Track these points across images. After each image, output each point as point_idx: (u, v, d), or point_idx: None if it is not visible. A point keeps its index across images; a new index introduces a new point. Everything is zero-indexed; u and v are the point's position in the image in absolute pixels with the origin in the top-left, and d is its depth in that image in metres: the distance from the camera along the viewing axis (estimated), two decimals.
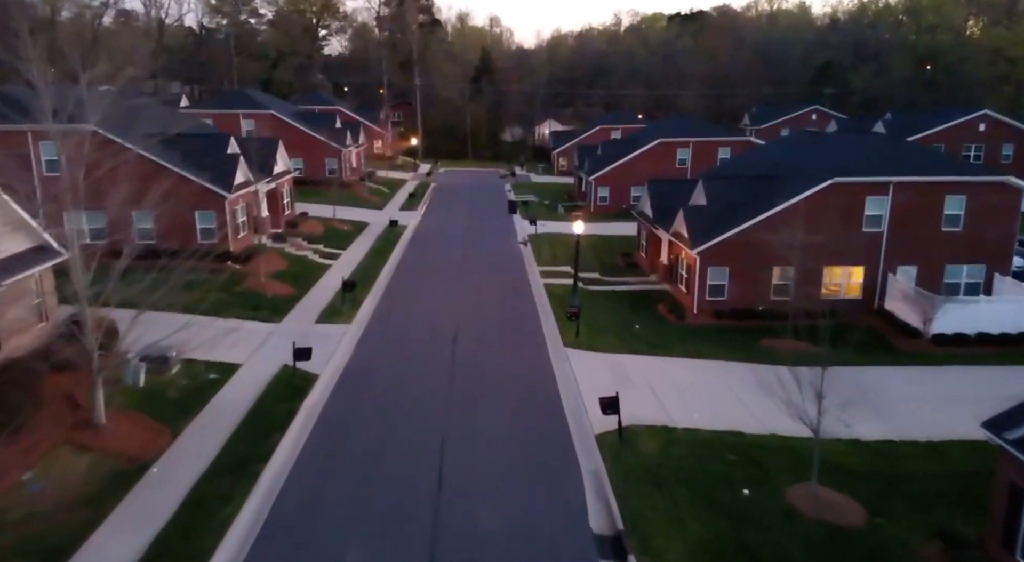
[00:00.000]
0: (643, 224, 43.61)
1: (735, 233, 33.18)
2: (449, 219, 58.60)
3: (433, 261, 43.00)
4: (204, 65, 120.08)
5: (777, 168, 38.21)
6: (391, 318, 31.79)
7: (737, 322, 33.27)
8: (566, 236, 51.31)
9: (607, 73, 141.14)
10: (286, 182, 46.83)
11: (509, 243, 49.56)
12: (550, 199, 72.86)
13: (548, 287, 37.61)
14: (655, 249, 41.70)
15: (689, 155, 64.41)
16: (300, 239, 44.35)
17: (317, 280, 37.31)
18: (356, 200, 62.45)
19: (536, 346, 28.31)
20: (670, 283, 38.78)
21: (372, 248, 45.81)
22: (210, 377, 24.56)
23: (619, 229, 55.18)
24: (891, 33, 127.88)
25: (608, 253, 47.07)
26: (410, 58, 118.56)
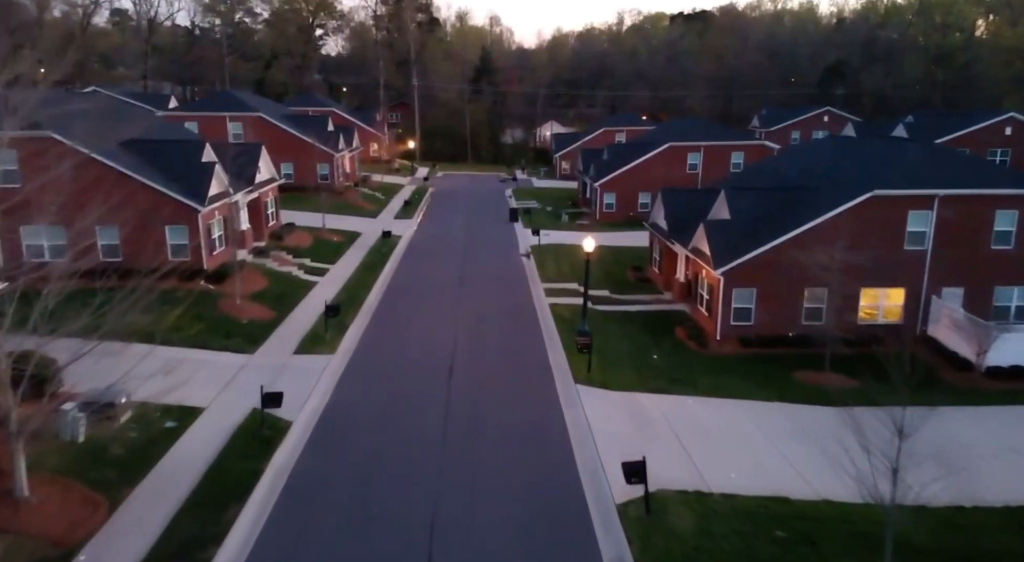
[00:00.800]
0: (656, 237, 40.25)
1: (763, 251, 29.84)
2: (447, 228, 55.23)
3: (428, 277, 39.62)
4: (196, 65, 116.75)
5: (804, 178, 34.87)
6: (379, 347, 28.41)
7: (766, 350, 29.93)
8: (571, 248, 48.02)
9: (609, 74, 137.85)
10: (270, 191, 43.47)
11: (510, 256, 46.21)
12: (553, 205, 69.52)
13: (554, 308, 34.24)
14: (670, 265, 38.35)
15: (700, 160, 61.07)
16: (284, 253, 40.98)
17: (300, 300, 33.93)
18: (349, 208, 59.08)
19: (543, 384, 24.95)
20: (688, 303, 35.42)
21: (363, 262, 42.44)
22: (166, 425, 21.19)
23: (628, 239, 51.79)
24: (901, 33, 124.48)
25: (617, 267, 43.69)
26: (408, 58, 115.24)
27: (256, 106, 62.14)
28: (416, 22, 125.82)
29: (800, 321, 30.83)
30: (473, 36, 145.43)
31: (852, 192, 29.79)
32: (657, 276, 40.46)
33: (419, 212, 61.65)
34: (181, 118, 61.74)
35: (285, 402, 21.59)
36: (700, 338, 30.91)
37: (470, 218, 60.46)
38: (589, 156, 68.47)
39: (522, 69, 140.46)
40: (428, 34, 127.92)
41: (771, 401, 24.75)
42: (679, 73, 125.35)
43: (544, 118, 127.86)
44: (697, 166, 61.18)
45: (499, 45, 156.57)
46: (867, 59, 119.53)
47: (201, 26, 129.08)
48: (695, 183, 61.19)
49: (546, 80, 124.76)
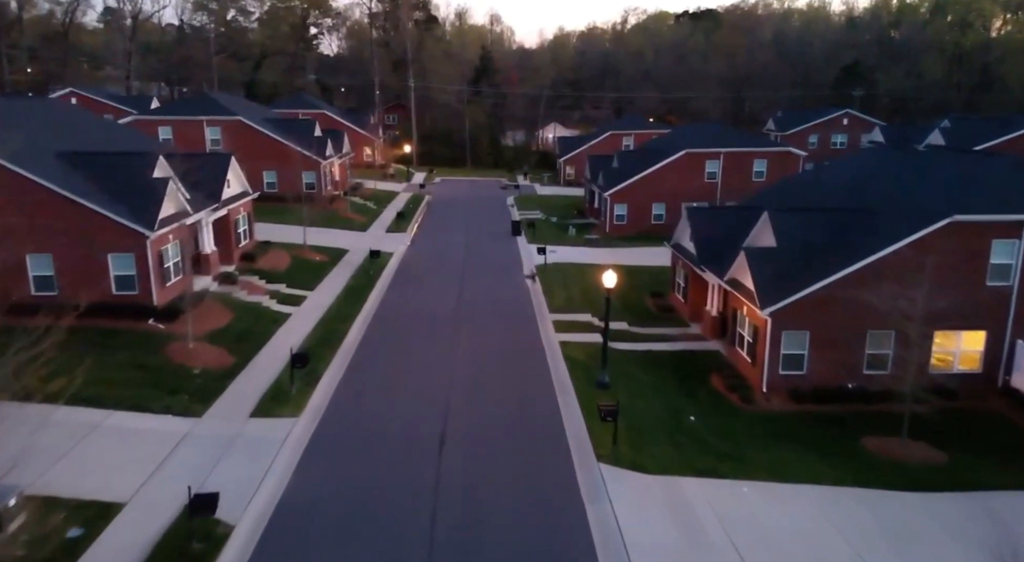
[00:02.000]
0: (681, 261, 35.20)
1: (819, 288, 24.80)
2: (443, 244, 50.16)
3: (420, 307, 34.55)
4: (184, 66, 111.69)
5: (856, 197, 29.86)
6: (355, 407, 23.35)
7: (822, 407, 24.90)
8: (581, 268, 43.04)
9: (614, 74, 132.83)
10: (242, 206, 38.42)
11: (514, 278, 41.18)
12: (558, 215, 64.54)
13: (566, 348, 29.21)
14: (698, 294, 33.31)
15: (719, 168, 56.04)
16: (257, 278, 35.96)
17: (268, 339, 28.87)
18: (336, 220, 54.02)
19: (557, 463, 19.89)
20: (723, 342, 30.40)
21: (347, 287, 37.39)
22: (68, 535, 16.17)
23: (643, 257, 46.76)
24: (917, 32, 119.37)
25: (634, 291, 38.63)
26: (405, 58, 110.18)
27: (235, 109, 57.12)
28: (413, 20, 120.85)
29: (861, 370, 25.83)
30: (473, 35, 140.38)
31: (926, 217, 24.75)
32: (681, 305, 35.42)
33: (413, 225, 56.61)
34: (154, 123, 56.74)
35: (229, 495, 16.66)
36: (742, 389, 25.87)
37: (469, 232, 55.42)
38: (598, 163, 63.49)
39: (523, 69, 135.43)
40: (426, 33, 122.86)
41: (844, 485, 19.69)
42: (688, 73, 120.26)
43: (547, 120, 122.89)
44: (716, 175, 56.15)
45: (499, 45, 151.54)
46: (884, 59, 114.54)
47: (191, 24, 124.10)
48: (714, 193, 56.29)
49: (548, 81, 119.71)
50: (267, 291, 34.69)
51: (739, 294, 27.23)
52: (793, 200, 33.21)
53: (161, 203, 28.37)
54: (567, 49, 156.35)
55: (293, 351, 24.01)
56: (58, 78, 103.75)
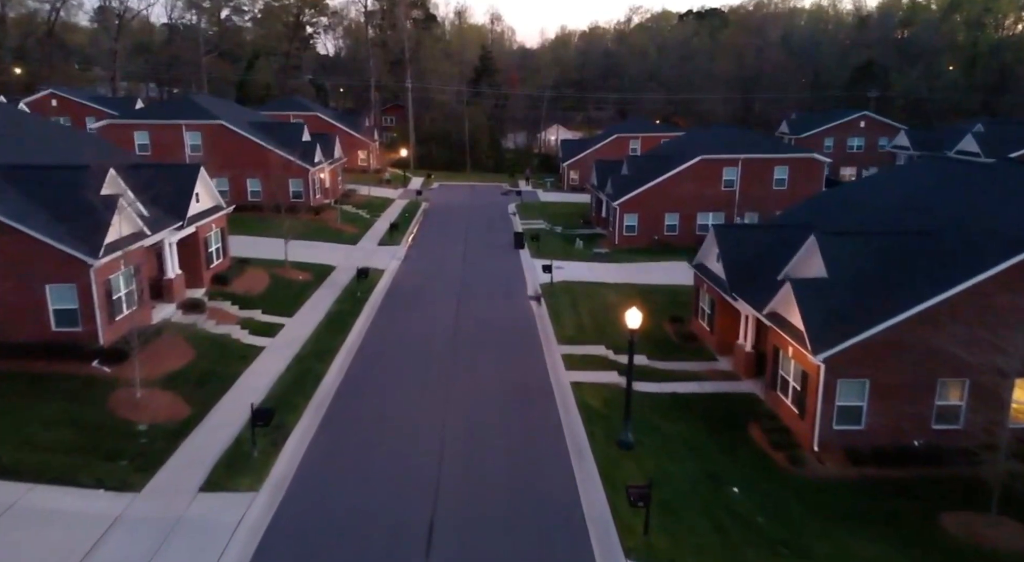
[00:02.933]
0: (707, 285, 31.22)
1: (882, 330, 20.83)
2: (440, 259, 46.16)
3: (410, 339, 30.54)
4: (174, 66, 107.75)
5: (915, 215, 25.90)
6: (328, 477, 19.34)
7: (887, 472, 20.93)
8: (591, 287, 39.09)
9: (617, 75, 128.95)
10: (215, 222, 34.43)
11: (517, 300, 37.19)
12: (562, 225, 60.60)
13: (579, 390, 25.26)
14: (727, 323, 29.36)
15: (737, 175, 52.06)
16: (228, 304, 32.01)
17: (233, 383, 24.91)
18: (325, 232, 50.07)
19: (573, 557, 15.92)
20: (758, 382, 26.45)
21: (330, 312, 33.40)
22: None
23: (658, 274, 42.82)
24: (931, 31, 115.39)
25: (651, 315, 34.50)
26: (402, 57, 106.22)
27: (217, 113, 53.16)
28: (411, 19, 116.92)
29: (929, 424, 21.87)
30: (472, 35, 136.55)
31: (1017, 243, 20.75)
32: (706, 334, 31.43)
33: (408, 236, 52.61)
34: (128, 127, 52.80)
35: None
36: (788, 445, 21.91)
37: (468, 244, 51.44)
38: (605, 169, 59.53)
39: (524, 70, 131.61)
40: (424, 32, 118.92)
41: None
42: (694, 74, 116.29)
43: (549, 122, 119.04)
44: (734, 183, 52.17)
45: (500, 44, 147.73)
46: (898, 59, 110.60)
47: (181, 23, 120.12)
48: (731, 203, 52.34)
49: (550, 81, 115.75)
50: (239, 319, 30.71)
51: (783, 332, 23.24)
52: (834, 218, 29.26)
53: (109, 224, 24.39)
54: (569, 49, 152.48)
55: (255, 408, 20.00)
56: (44, 79, 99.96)
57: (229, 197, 52.97)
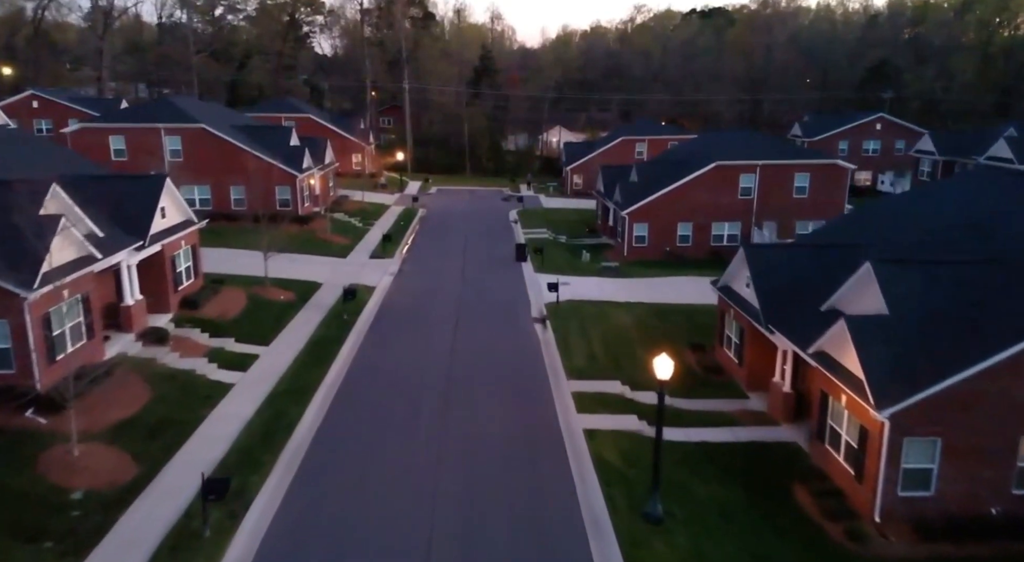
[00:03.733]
0: (734, 311, 27.79)
1: (960, 381, 17.41)
2: (436, 275, 42.71)
3: (399, 372, 27.06)
4: (163, 66, 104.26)
5: (982, 238, 22.46)
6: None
7: (962, 548, 17.50)
8: (601, 307, 35.71)
9: (619, 75, 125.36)
10: (184, 239, 30.97)
11: (520, 322, 33.74)
12: (567, 234, 57.22)
13: (593, 438, 21.87)
14: (759, 357, 25.96)
15: (755, 183, 48.61)
16: (197, 331, 28.59)
17: (192, 432, 21.48)
18: (313, 243, 46.65)
19: None
20: (799, 427, 23.04)
21: (312, 340, 29.95)
22: None
23: (673, 291, 39.42)
24: (944, 29, 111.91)
25: (670, 341, 31.22)
26: (399, 57, 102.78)
27: (198, 116, 49.73)
28: (409, 17, 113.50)
29: (1008, 489, 18.45)
30: (472, 34, 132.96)
31: None
32: (733, 366, 28.00)
33: (402, 249, 49.15)
34: (104, 132, 49.38)
35: None
36: (843, 514, 18.49)
37: (467, 256, 48.00)
38: (613, 175, 56.10)
39: (526, 70, 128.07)
40: (422, 31, 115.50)
41: None
42: (700, 74, 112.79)
43: (551, 123, 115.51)
44: (752, 190, 48.72)
45: (500, 44, 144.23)
46: (912, 59, 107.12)
47: (173, 21, 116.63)
48: (748, 212, 48.92)
49: (553, 82, 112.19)
50: (208, 350, 27.30)
51: (834, 377, 19.78)
52: (880, 237, 25.85)
53: (47, 249, 20.95)
54: (571, 49, 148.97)
55: (206, 478, 16.56)
56: (31, 79, 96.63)
57: (211, 206, 49.77)
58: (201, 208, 49.88)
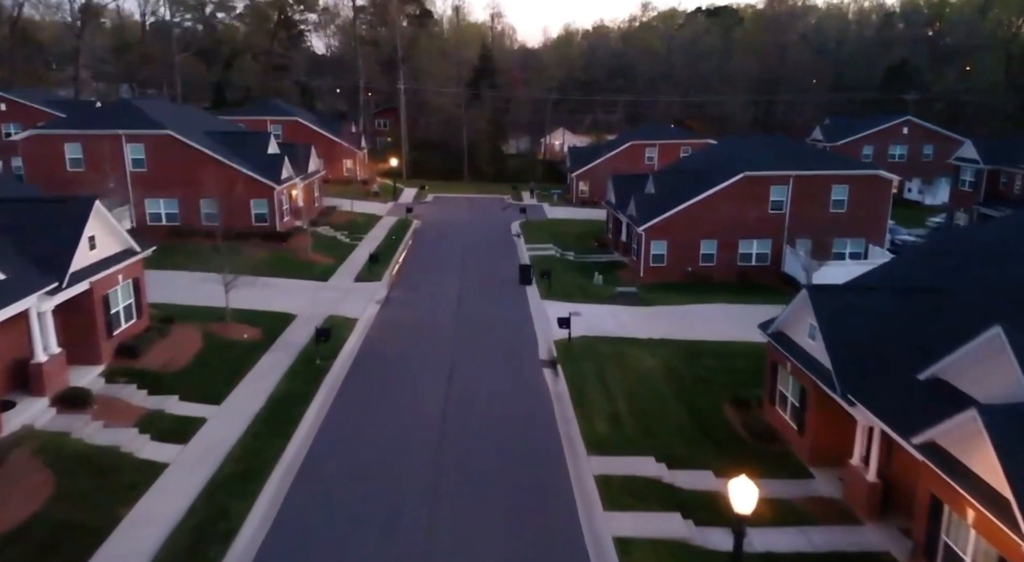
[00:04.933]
0: (792, 365, 22.52)
1: None
2: (428, 302, 37.48)
3: (378, 446, 21.73)
4: (147, 65, 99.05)
5: None
6: None
7: None
8: (620, 345, 30.59)
9: (625, 76, 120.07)
10: (121, 274, 25.69)
11: (526, 367, 28.51)
12: (575, 249, 52.03)
13: (627, 550, 16.62)
14: (827, 425, 20.74)
15: (787, 196, 43.41)
16: (134, 388, 23.37)
17: (99, 544, 16.21)
18: (290, 265, 41.47)
19: None
20: (889, 529, 17.80)
21: (273, 396, 24.63)
22: None
23: (701, 323, 34.24)
24: (967, 28, 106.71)
25: (705, 391, 26.10)
26: (394, 56, 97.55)
27: (164, 120, 44.54)
28: (405, 15, 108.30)
29: None
30: (471, 33, 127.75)
31: None
32: (790, 432, 22.73)
33: (392, 269, 43.91)
34: (58, 139, 44.15)
35: None
36: None
37: (464, 278, 42.80)
38: (625, 185, 51.00)
39: (527, 70, 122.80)
40: (420, 29, 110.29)
41: None
42: (712, 74, 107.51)
43: (553, 126, 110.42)
44: (783, 204, 43.52)
45: (501, 43, 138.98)
46: (932, 59, 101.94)
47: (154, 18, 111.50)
48: (780, 228, 43.78)
49: (556, 83, 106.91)
50: (142, 415, 22.07)
51: (959, 487, 14.53)
52: (976, 279, 20.65)
53: None
54: (574, 48, 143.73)
55: None
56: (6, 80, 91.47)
57: (179, 221, 44.64)
58: (168, 224, 44.86)
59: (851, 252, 44.10)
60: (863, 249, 44.08)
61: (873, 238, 43.94)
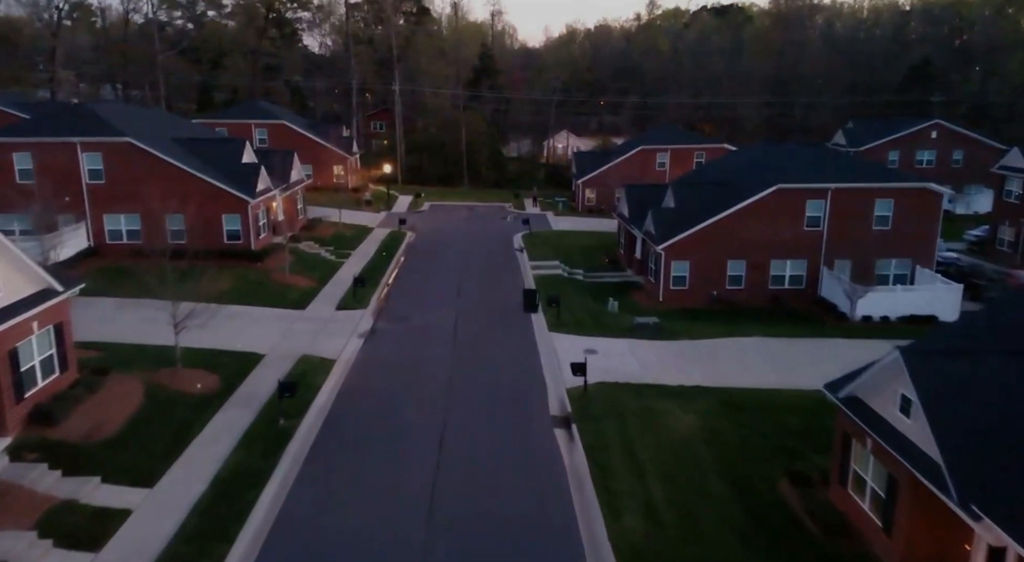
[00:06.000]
0: (874, 443, 17.67)
1: None
2: (419, 338, 32.50)
3: (349, 547, 16.99)
4: (126, 65, 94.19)
5: None
6: None
7: None
8: (645, 395, 25.84)
9: (629, 77, 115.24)
10: (36, 320, 20.75)
11: (534, 428, 23.61)
12: (583, 267, 47.22)
13: None
14: (927, 526, 15.93)
15: (825, 211, 38.58)
16: (45, 467, 18.53)
17: None
18: (263, 290, 36.65)
19: None
20: None
21: (219, 475, 19.69)
22: None
23: (736, 364, 29.44)
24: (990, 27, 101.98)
25: (752, 456, 21.30)
26: (390, 55, 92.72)
27: (125, 126, 39.73)
28: (402, 12, 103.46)
29: None
30: (471, 31, 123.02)
31: None
32: (871, 527, 17.87)
33: (380, 293, 39.07)
34: (7, 147, 39.26)
35: None
36: None
37: (461, 303, 37.99)
38: (641, 197, 46.20)
39: (529, 70, 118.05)
40: (417, 27, 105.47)
41: None
42: (723, 75, 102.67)
43: (557, 128, 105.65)
44: (820, 221, 38.69)
45: (501, 43, 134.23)
46: (954, 59, 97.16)
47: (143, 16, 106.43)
48: (816, 248, 39.00)
49: (559, 83, 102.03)
50: (49, 508, 17.25)
51: None
52: None
53: None
54: (577, 48, 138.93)
55: None
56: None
57: (142, 240, 39.68)
58: (130, 242, 40.05)
59: (895, 274, 39.31)
60: (909, 271, 39.29)
61: (921, 259, 39.14)
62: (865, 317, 35.74)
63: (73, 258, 37.31)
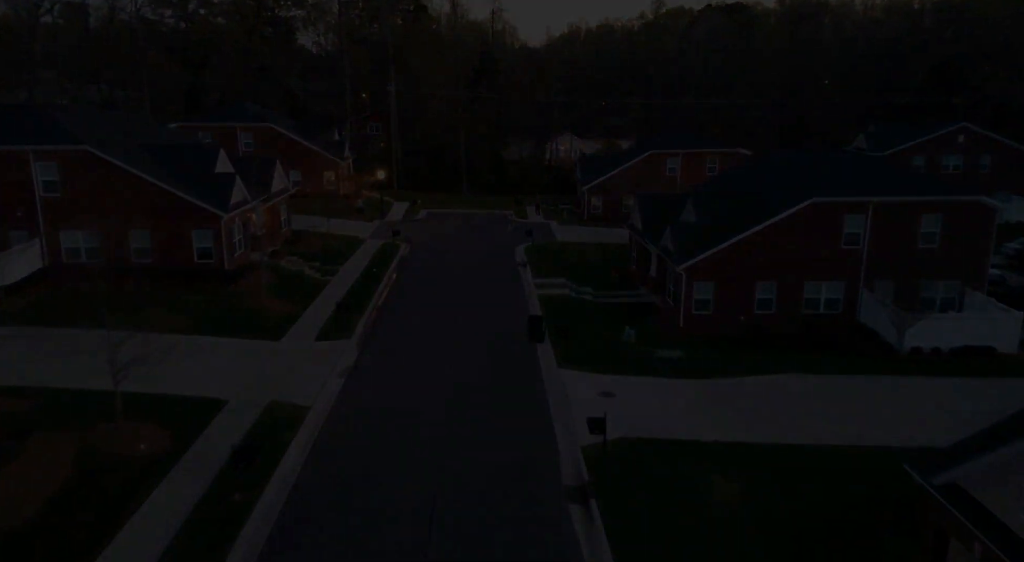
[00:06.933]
0: (984, 547, 13.53)
1: None
2: (410, 377, 28.37)
3: None
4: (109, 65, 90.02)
5: None
6: None
7: None
8: (682, 459, 21.72)
9: (635, 78, 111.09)
10: None
11: (545, 507, 19.43)
12: (592, 285, 43.06)
13: None
14: None
15: (865, 227, 34.45)
16: None
17: None
18: (233, 316, 32.49)
19: None
20: None
21: None
22: None
23: (782, 412, 25.32)
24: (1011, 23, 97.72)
25: (812, 554, 17.23)
26: (386, 54, 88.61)
27: (83, 133, 35.59)
28: (399, 10, 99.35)
29: None
30: (471, 31, 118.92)
31: None
32: None
33: (366, 317, 34.91)
34: None
35: None
36: None
37: (459, 329, 33.86)
38: (656, 208, 42.12)
39: (531, 71, 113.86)
40: (414, 26, 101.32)
41: None
42: (734, 76, 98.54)
43: (560, 130, 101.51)
44: (860, 238, 34.56)
45: (502, 42, 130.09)
46: (975, 58, 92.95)
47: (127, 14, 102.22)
48: (855, 267, 34.91)
49: (562, 85, 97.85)
50: None
51: None
52: None
53: None
54: (581, 48, 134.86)
55: None
56: None
57: (102, 258, 35.58)
58: (91, 261, 35.82)
59: (943, 297, 35.22)
60: (957, 294, 35.20)
61: (972, 280, 35.05)
62: (914, 348, 31.65)
63: (22, 281, 33.26)
